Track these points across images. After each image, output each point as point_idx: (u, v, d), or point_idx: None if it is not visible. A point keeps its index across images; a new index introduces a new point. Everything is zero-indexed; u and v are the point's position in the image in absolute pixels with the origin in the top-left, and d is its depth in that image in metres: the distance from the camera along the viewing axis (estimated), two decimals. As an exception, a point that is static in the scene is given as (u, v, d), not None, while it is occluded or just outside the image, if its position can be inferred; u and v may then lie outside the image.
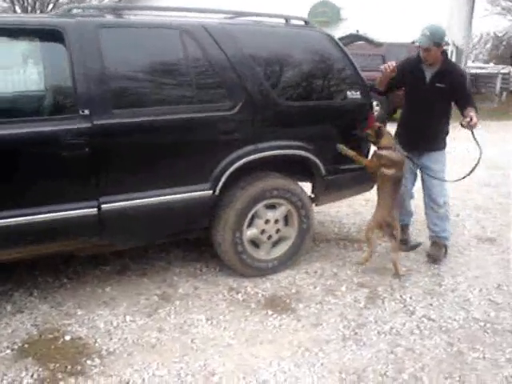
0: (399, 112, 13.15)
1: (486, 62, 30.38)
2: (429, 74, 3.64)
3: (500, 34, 32.23)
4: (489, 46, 32.96)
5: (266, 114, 3.22)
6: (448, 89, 3.59)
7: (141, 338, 2.80)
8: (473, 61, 29.88)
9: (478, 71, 22.50)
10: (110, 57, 2.81)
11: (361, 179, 3.66)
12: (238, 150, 3.13)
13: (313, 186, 3.71)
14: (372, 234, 3.61)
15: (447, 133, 3.92)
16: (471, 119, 3.51)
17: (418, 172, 3.98)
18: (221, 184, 3.14)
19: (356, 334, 2.88)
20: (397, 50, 12.29)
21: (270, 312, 3.08)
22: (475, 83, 21.23)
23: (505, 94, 19.13)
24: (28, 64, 3.03)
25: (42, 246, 2.83)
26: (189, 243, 3.95)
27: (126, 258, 3.76)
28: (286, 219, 3.55)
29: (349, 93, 3.53)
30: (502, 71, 20.29)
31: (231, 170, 3.13)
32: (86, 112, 2.74)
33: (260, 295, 3.29)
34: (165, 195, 2.99)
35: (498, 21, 31.58)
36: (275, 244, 3.55)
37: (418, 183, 4.07)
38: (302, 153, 3.35)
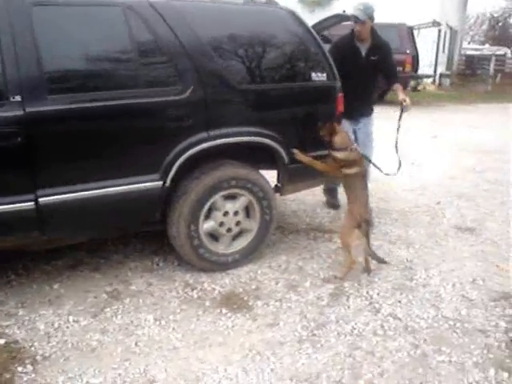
0: (392, 95, 12.72)
1: (482, 43, 29.91)
2: (363, 49, 4.03)
3: (496, 15, 31.68)
4: (485, 26, 32.39)
5: (221, 99, 2.98)
6: (379, 60, 4.05)
7: (81, 340, 2.60)
8: (469, 42, 29.43)
9: (473, 53, 22.17)
10: (44, 37, 2.55)
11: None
12: (189, 137, 2.90)
13: (278, 175, 3.48)
14: (352, 238, 3.23)
15: (374, 100, 4.53)
16: (405, 101, 3.98)
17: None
18: (172, 174, 2.91)
19: (314, 335, 2.68)
20: (386, 31, 11.94)
21: (224, 311, 2.88)
22: (470, 65, 20.92)
23: (499, 75, 18.81)
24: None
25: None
26: (149, 235, 3.73)
27: (81, 250, 3.55)
28: (248, 211, 3.33)
29: (314, 74, 3.28)
30: (496, 53, 19.95)
31: (183, 159, 2.90)
32: (18, 98, 2.49)
33: (216, 292, 3.08)
34: (109, 187, 2.76)
35: (495, 1, 30.96)
36: (236, 237, 3.34)
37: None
38: (261, 140, 3.12)
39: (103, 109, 2.69)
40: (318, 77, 3.30)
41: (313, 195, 4.89)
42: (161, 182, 2.90)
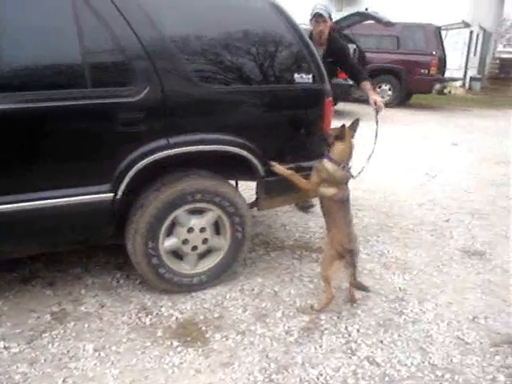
0: (415, 97, 12.31)
1: (519, 46, 28.73)
2: (320, 53, 3.80)
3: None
4: (522, 29, 31.10)
5: (183, 102, 2.61)
6: (337, 60, 4.15)
7: (5, 372, 2.27)
8: (504, 45, 28.31)
9: (508, 56, 21.26)
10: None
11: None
12: (145, 144, 2.54)
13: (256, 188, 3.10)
14: (332, 270, 2.78)
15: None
16: (375, 103, 3.83)
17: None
18: (124, 185, 2.56)
19: (272, 380, 2.29)
20: (412, 31, 11.44)
21: (175, 343, 2.51)
22: (503, 68, 20.06)
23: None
24: None
25: None
26: (118, 246, 3.39)
27: (40, 262, 3.25)
28: (218, 227, 2.96)
29: (297, 76, 2.88)
30: (532, 56, 19.05)
31: (137, 168, 2.55)
32: None
33: (173, 319, 2.73)
34: (50, 198, 2.42)
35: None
36: (203, 256, 2.98)
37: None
38: (231, 149, 2.74)
39: (42, 110, 2.34)
40: (302, 78, 2.90)
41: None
42: (111, 194, 2.56)
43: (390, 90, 11.87)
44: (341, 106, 11.02)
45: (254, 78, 2.80)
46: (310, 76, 2.92)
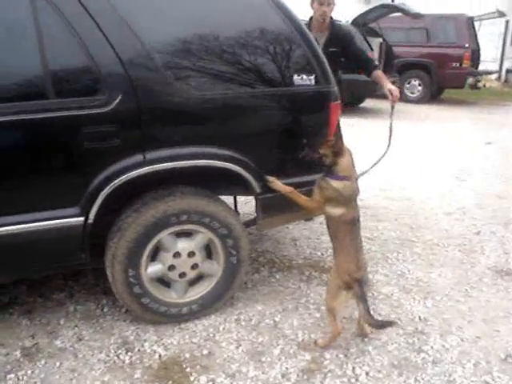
0: (447, 92, 11.65)
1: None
2: (321, 41, 3.56)
3: None
4: None
5: (162, 111, 2.28)
6: (341, 50, 3.63)
7: (-43, 425, 2.01)
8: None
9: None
10: None
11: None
12: (117, 162, 2.23)
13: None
14: (338, 302, 2.41)
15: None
16: (391, 93, 3.42)
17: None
18: (96, 208, 2.25)
19: None
20: (443, 23, 10.83)
21: (153, 390, 2.20)
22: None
23: None
24: None
25: None
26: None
27: (23, 284, 2.99)
28: (210, 250, 2.64)
29: (297, 77, 2.51)
30: None
31: (109, 189, 2.23)
32: None
33: (156, 356, 2.41)
34: (11, 224, 2.14)
35: None
36: (194, 282, 2.65)
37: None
38: (219, 164, 2.39)
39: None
40: (303, 80, 2.53)
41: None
42: (82, 218, 2.25)
43: (419, 85, 11.30)
44: (367, 103, 10.57)
45: (244, 81, 2.44)
46: (312, 77, 2.55)
